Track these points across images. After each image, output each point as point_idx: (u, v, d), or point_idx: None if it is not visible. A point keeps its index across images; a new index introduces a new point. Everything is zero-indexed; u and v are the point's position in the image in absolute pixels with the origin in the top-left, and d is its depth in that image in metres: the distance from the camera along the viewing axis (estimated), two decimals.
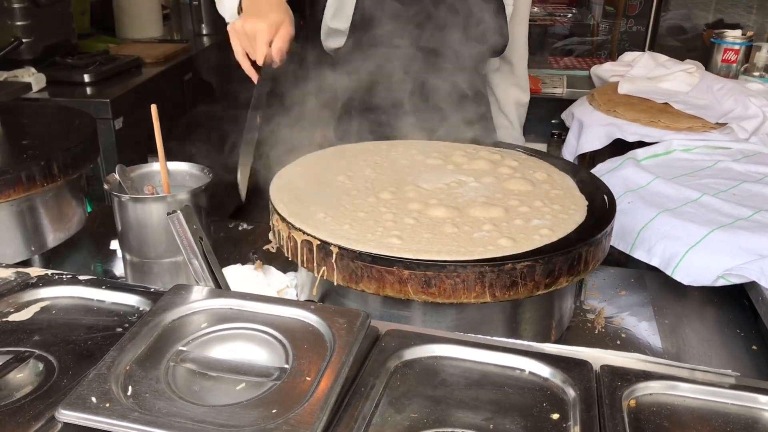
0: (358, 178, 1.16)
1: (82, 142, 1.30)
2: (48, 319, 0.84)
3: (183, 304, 0.79)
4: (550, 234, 0.97)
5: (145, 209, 1.12)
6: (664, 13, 3.27)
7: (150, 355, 0.72)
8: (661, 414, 0.71)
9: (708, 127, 1.78)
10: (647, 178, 1.47)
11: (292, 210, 1.03)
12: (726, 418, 0.71)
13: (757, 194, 1.39)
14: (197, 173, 1.25)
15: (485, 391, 0.74)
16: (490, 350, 0.80)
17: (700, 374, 0.79)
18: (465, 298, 0.91)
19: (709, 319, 1.19)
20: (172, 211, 0.82)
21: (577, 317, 1.16)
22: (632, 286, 1.26)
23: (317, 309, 0.78)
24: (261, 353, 0.75)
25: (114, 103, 2.41)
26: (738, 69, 2.24)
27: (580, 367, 0.76)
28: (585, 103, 2.05)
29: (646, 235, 1.28)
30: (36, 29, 2.56)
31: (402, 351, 0.79)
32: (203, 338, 0.76)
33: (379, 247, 0.92)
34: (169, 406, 0.65)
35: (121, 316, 0.85)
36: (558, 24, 3.89)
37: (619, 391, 0.73)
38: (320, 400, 0.65)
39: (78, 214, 1.36)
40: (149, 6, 3.43)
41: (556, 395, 0.74)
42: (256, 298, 0.81)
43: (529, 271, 0.91)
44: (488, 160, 1.24)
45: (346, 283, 0.95)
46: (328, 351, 0.73)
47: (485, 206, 1.05)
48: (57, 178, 1.24)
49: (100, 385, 0.66)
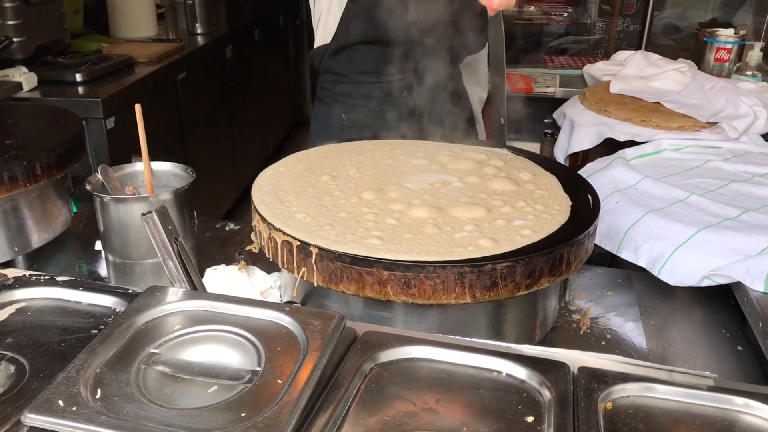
0: (342, 178, 1.15)
1: (67, 142, 1.29)
2: (22, 321, 0.83)
3: (157, 306, 0.79)
4: (531, 234, 0.96)
5: (127, 210, 1.12)
6: (658, 12, 3.26)
7: (121, 357, 0.72)
8: (637, 416, 0.71)
9: (699, 127, 1.77)
10: (636, 177, 1.46)
11: (273, 210, 1.03)
12: (703, 420, 0.71)
13: (745, 194, 1.38)
14: (181, 173, 1.24)
15: (461, 393, 0.73)
16: (467, 352, 0.79)
17: (678, 376, 0.78)
18: (445, 299, 0.90)
19: (696, 319, 1.18)
20: (147, 212, 0.81)
21: (562, 318, 1.15)
22: (619, 287, 1.26)
23: (291, 311, 0.78)
24: (234, 356, 0.74)
25: (105, 102, 2.40)
26: (730, 68, 2.24)
27: (557, 369, 0.76)
28: (577, 103, 2.04)
29: (633, 235, 1.27)
30: (27, 28, 2.55)
31: (378, 353, 0.78)
32: (176, 340, 0.75)
33: (359, 248, 0.92)
34: (138, 410, 0.64)
35: (97, 318, 0.85)
36: (554, 23, 3.89)
37: (595, 393, 0.72)
38: (290, 402, 0.64)
39: (63, 215, 1.35)
40: (143, 5, 3.42)
41: (531, 397, 0.73)
42: (231, 300, 0.80)
43: (510, 271, 0.90)
44: (473, 159, 1.23)
45: (326, 284, 0.94)
46: (301, 353, 0.72)
47: (468, 206, 1.04)
48: (40, 179, 1.23)
49: (68, 388, 0.65)
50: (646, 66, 2.20)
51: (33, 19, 2.58)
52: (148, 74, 2.76)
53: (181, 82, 3.08)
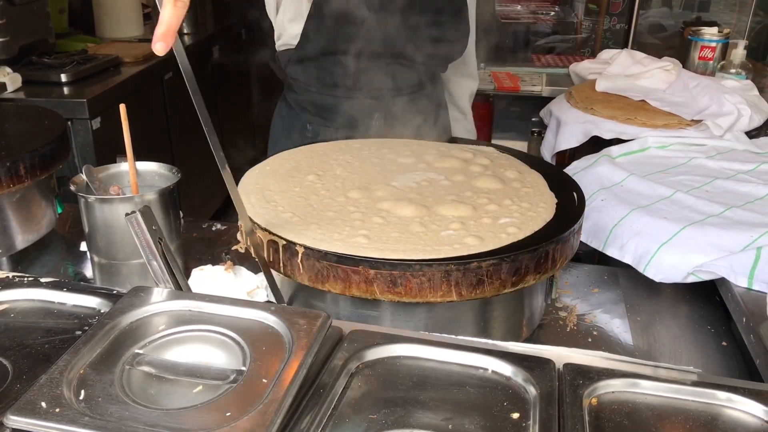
0: (328, 177, 1.15)
1: (51, 143, 1.28)
2: (5, 323, 0.83)
3: (141, 306, 0.78)
4: (517, 232, 0.97)
5: (112, 210, 1.11)
6: (644, 11, 3.28)
7: (105, 358, 0.71)
8: (621, 412, 0.71)
9: (684, 124, 1.78)
10: (621, 175, 1.47)
11: (259, 210, 1.02)
12: (686, 414, 0.71)
13: (728, 191, 1.39)
14: (166, 173, 1.23)
15: (446, 390, 0.74)
16: (453, 349, 0.79)
17: (663, 371, 0.78)
18: (431, 297, 0.91)
19: (681, 316, 1.19)
20: (130, 211, 0.81)
21: (549, 315, 1.16)
22: (605, 284, 1.26)
23: (277, 310, 0.78)
24: (219, 355, 0.74)
25: (91, 102, 2.39)
26: (715, 66, 2.25)
27: (543, 366, 0.76)
28: (563, 101, 2.05)
29: (619, 232, 1.27)
30: (11, 28, 2.52)
31: (364, 351, 0.78)
32: (160, 341, 0.75)
33: (346, 247, 0.92)
34: (122, 411, 0.64)
35: (82, 319, 0.84)
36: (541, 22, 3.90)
37: (580, 390, 0.72)
38: (275, 402, 0.64)
39: (48, 216, 1.34)
40: (129, 5, 3.39)
41: (517, 394, 0.73)
42: (216, 300, 0.80)
43: (495, 269, 0.90)
44: (460, 158, 1.23)
45: (312, 283, 0.94)
46: (286, 353, 0.72)
47: (454, 204, 1.04)
48: (24, 179, 1.22)
49: (52, 390, 0.65)
50: (632, 64, 2.21)
51: (17, 18, 2.56)
52: (134, 74, 2.75)
53: (167, 82, 3.06)
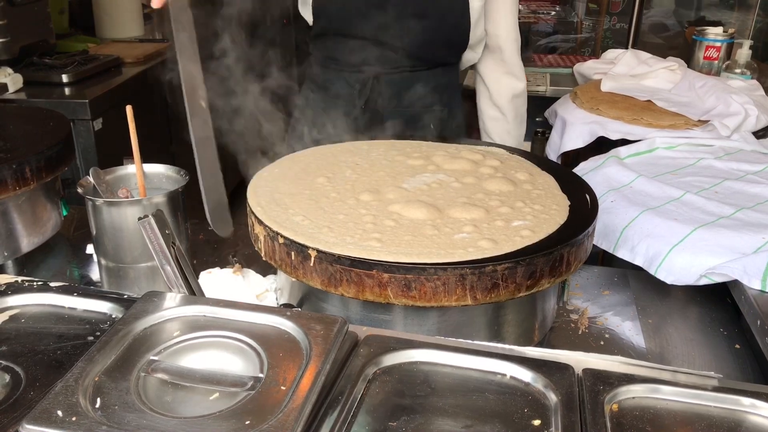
0: (338, 180, 1.14)
1: (56, 145, 1.27)
2: (16, 328, 0.81)
3: (155, 312, 0.77)
4: (531, 235, 0.96)
5: (120, 213, 1.10)
6: (646, 11, 3.28)
7: (120, 365, 0.70)
8: (644, 418, 0.70)
9: (690, 125, 1.77)
10: (630, 176, 1.46)
11: (270, 213, 1.01)
12: (709, 421, 0.70)
13: (738, 192, 1.38)
14: (174, 175, 1.22)
15: (465, 397, 0.73)
16: (470, 355, 0.78)
17: (683, 376, 0.78)
18: (446, 301, 0.90)
19: (692, 318, 1.18)
20: (143, 216, 0.80)
21: (560, 318, 1.15)
22: (616, 286, 1.26)
23: (293, 315, 0.77)
24: (235, 362, 0.73)
25: (93, 103, 2.37)
26: (720, 66, 2.25)
27: (562, 372, 0.75)
28: (568, 101, 2.04)
29: (630, 234, 1.27)
30: (12, 29, 2.50)
31: (380, 357, 0.77)
32: (175, 347, 0.74)
33: (359, 250, 0.91)
34: (139, 419, 0.63)
35: (93, 324, 0.83)
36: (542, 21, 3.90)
37: (601, 396, 0.71)
38: (295, 410, 0.63)
39: (53, 218, 1.33)
40: (130, 5, 3.38)
41: (537, 400, 0.72)
42: (230, 305, 0.79)
43: (510, 273, 0.89)
44: (470, 159, 1.22)
45: (325, 287, 0.93)
46: (304, 359, 0.71)
47: (466, 207, 1.03)
48: (30, 182, 1.21)
49: (67, 398, 0.64)
50: (637, 64, 2.20)
51: (17, 19, 2.54)
52: (135, 75, 2.73)
53: (168, 82, 3.04)
